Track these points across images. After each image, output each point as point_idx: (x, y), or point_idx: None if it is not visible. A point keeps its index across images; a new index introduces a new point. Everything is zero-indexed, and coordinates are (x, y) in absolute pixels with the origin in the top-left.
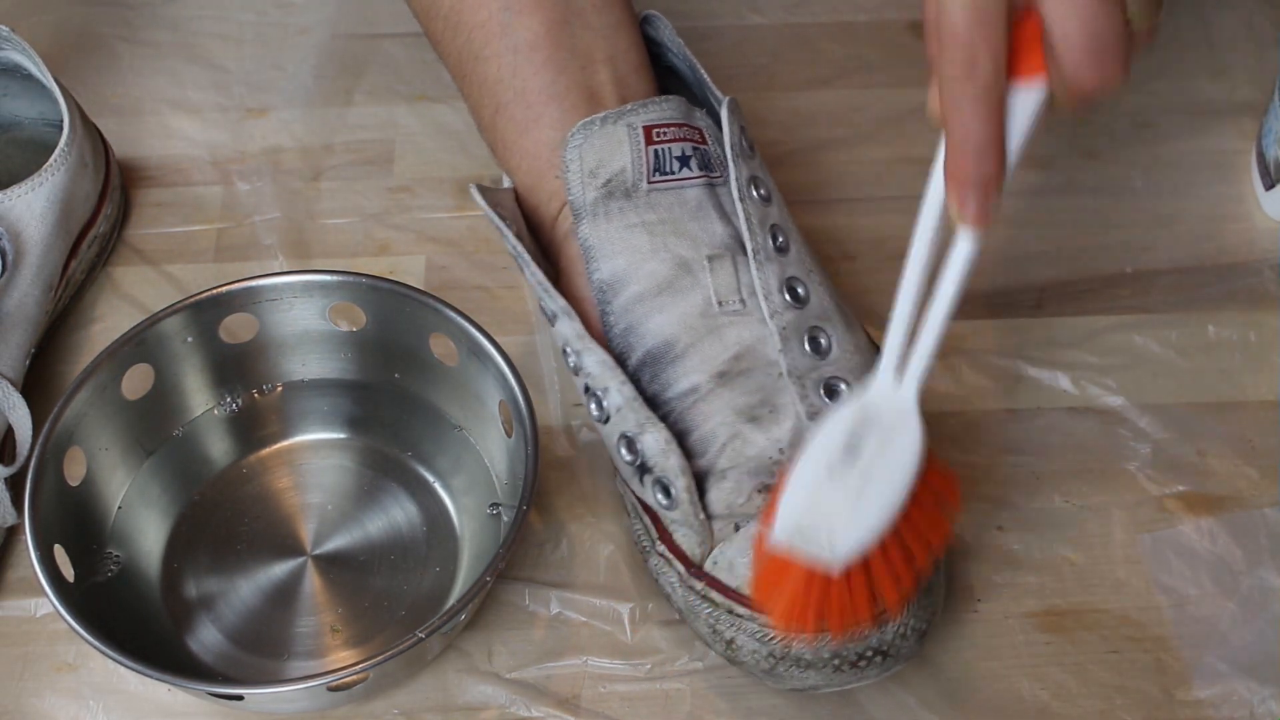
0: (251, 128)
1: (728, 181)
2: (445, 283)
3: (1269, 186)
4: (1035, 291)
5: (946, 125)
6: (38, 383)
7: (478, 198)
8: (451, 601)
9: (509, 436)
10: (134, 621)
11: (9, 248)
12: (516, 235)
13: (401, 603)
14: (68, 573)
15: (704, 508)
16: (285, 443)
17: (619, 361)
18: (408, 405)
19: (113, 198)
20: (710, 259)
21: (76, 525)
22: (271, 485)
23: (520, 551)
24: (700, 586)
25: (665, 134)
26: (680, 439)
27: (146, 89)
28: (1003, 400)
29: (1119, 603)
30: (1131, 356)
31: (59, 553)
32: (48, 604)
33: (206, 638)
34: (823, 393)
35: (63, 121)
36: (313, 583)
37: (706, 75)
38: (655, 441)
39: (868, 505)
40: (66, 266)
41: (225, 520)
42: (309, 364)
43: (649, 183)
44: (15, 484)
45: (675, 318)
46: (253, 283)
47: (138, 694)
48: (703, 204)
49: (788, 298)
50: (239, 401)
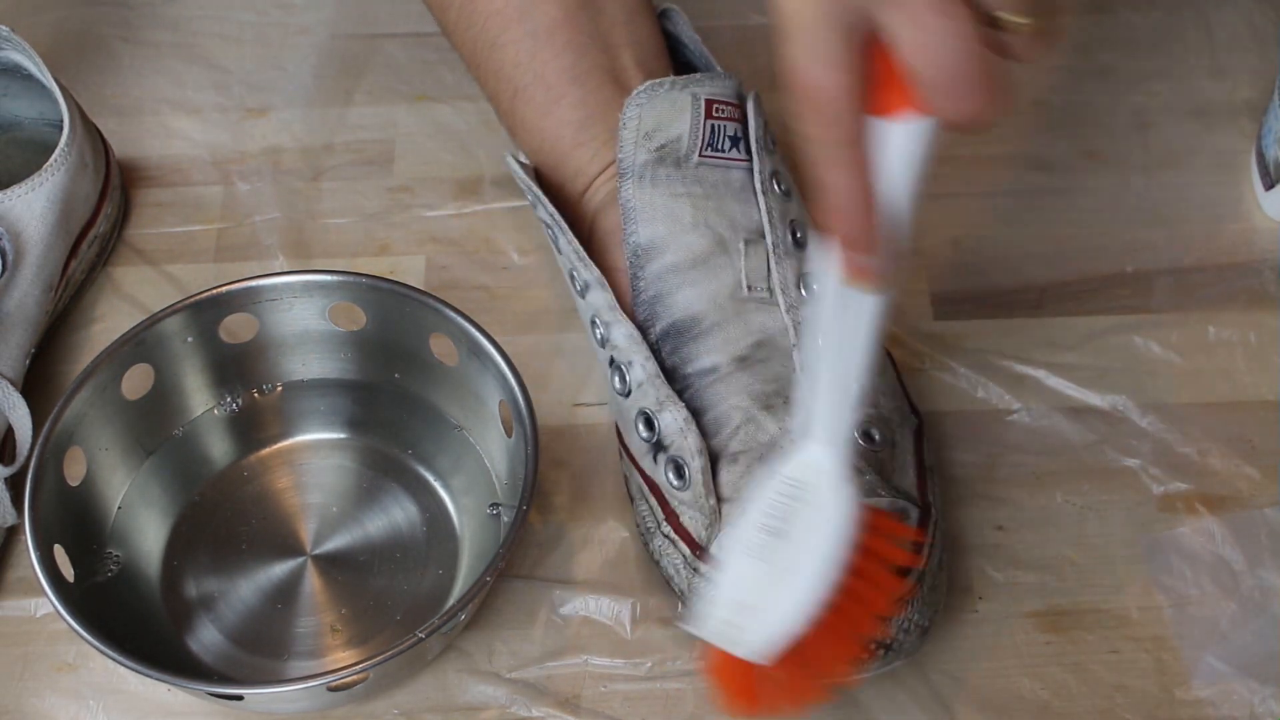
0: (251, 128)
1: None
2: (445, 283)
3: (1269, 186)
4: (1035, 291)
5: (819, 184)
6: (38, 383)
7: (515, 168)
8: (451, 601)
9: (509, 436)
10: (134, 621)
11: (9, 248)
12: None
13: (401, 603)
14: (68, 573)
15: (715, 489)
16: (285, 443)
17: (643, 328)
18: (408, 405)
19: (113, 198)
20: (747, 242)
21: (76, 525)
22: (271, 485)
23: (520, 551)
24: (705, 569)
25: (723, 111)
26: (696, 417)
27: (146, 89)
28: (1003, 400)
29: (1119, 602)
30: (1131, 356)
31: (59, 553)
32: (48, 604)
33: (206, 638)
34: None
35: (63, 121)
36: (313, 583)
37: (721, 71)
38: (674, 420)
39: (795, 587)
40: (66, 266)
41: (225, 520)
42: (309, 364)
43: (700, 156)
44: (15, 484)
45: (705, 294)
46: (253, 283)
47: (138, 694)
48: (745, 187)
49: (804, 293)
50: (239, 401)
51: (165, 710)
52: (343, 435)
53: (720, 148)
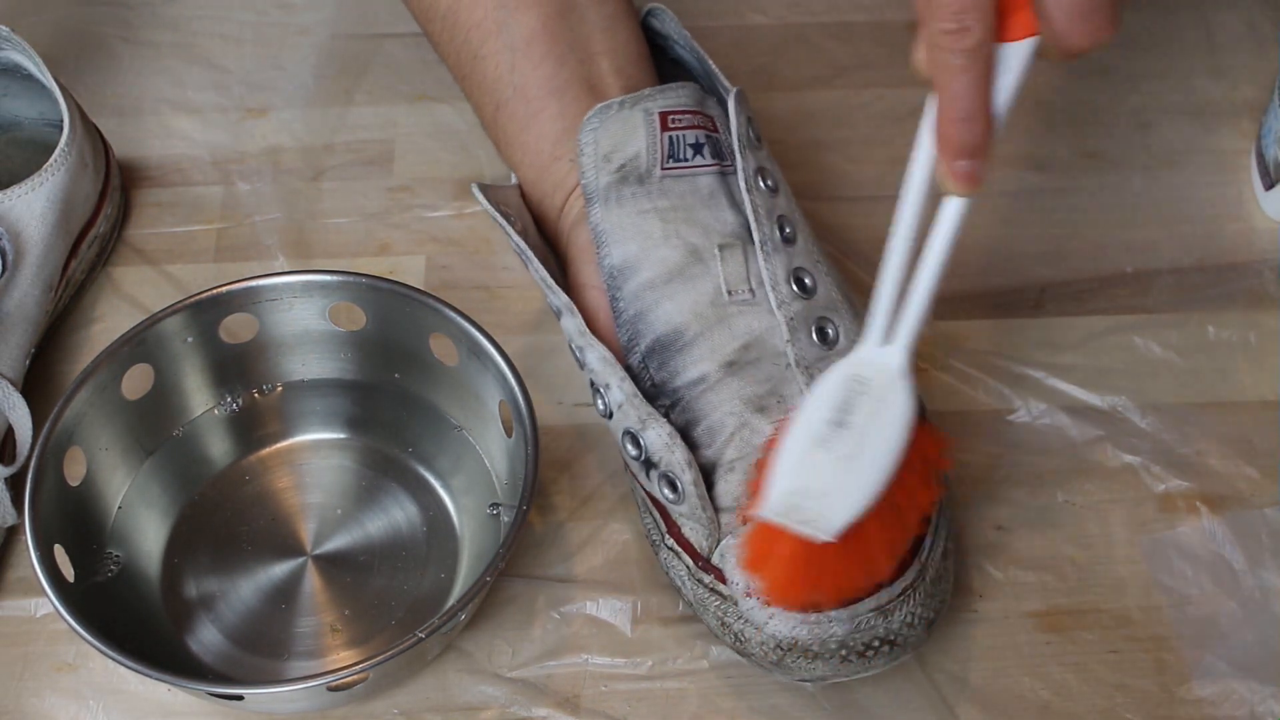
0: (251, 128)
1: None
2: (445, 283)
3: (1269, 186)
4: (1035, 291)
5: (936, 89)
6: (38, 383)
7: (479, 195)
8: (451, 601)
9: (509, 436)
10: (134, 621)
11: (9, 248)
12: (521, 231)
13: (401, 603)
14: (68, 573)
15: (711, 500)
16: (285, 443)
17: (628, 347)
18: (408, 405)
19: (113, 198)
20: (721, 248)
21: (76, 525)
22: (271, 485)
23: (520, 551)
24: (709, 579)
25: (680, 120)
26: (688, 428)
27: (146, 89)
28: (1003, 400)
29: (1119, 602)
30: (1131, 356)
31: (59, 553)
32: (48, 604)
33: (206, 638)
34: None
35: (63, 121)
36: (313, 583)
37: (715, 66)
38: (658, 437)
39: (859, 473)
40: (66, 266)
41: (225, 520)
42: (309, 364)
43: (662, 169)
44: (15, 484)
45: (685, 305)
46: (253, 283)
47: (138, 694)
48: (715, 192)
49: (795, 288)
50: (239, 401)
51: (165, 710)
52: (343, 435)
53: (682, 158)
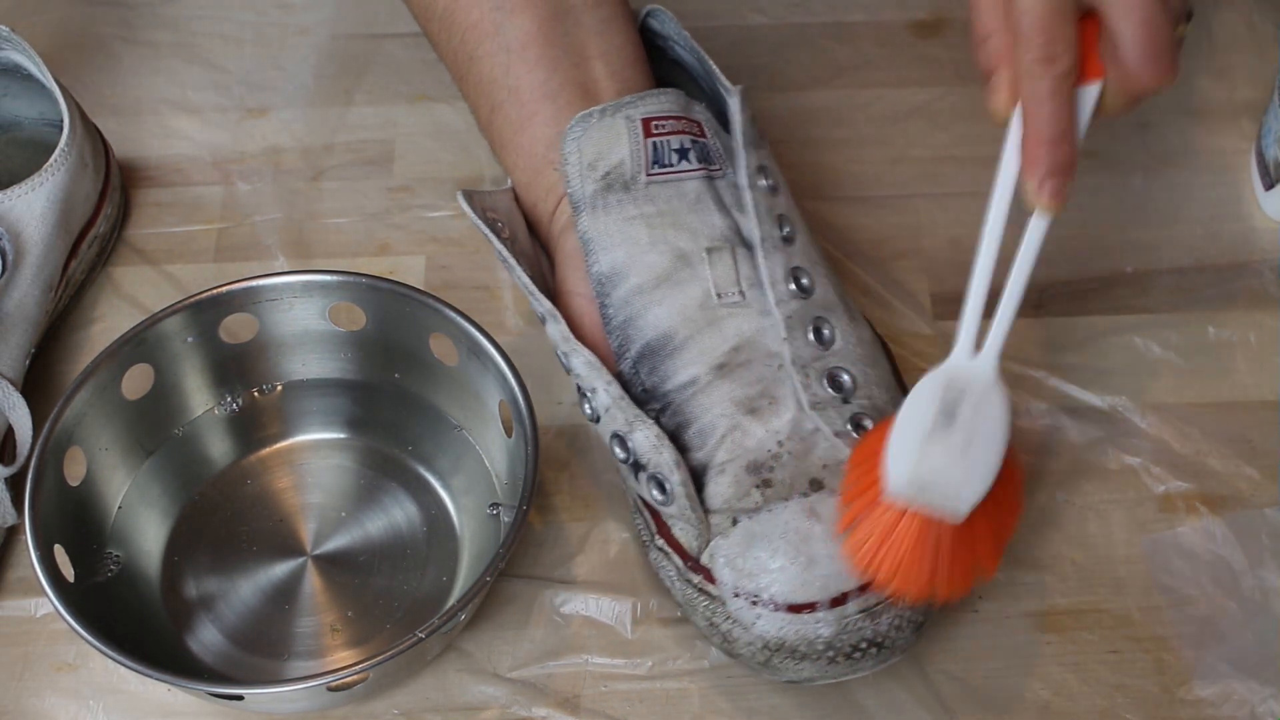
0: (251, 128)
1: (726, 174)
2: (445, 283)
3: (1269, 186)
4: (1035, 291)
5: (1026, 113)
6: (38, 383)
7: (464, 203)
8: (451, 601)
9: (509, 436)
10: (134, 621)
11: (9, 248)
12: (509, 237)
13: (401, 603)
14: (68, 573)
15: (701, 501)
16: (285, 443)
17: (619, 354)
18: (408, 405)
19: (113, 198)
20: (709, 251)
21: (76, 525)
22: (271, 485)
23: (520, 551)
24: (698, 580)
25: (664, 126)
26: (679, 431)
27: (146, 89)
28: None
29: (1119, 602)
30: (1132, 357)
31: (59, 553)
32: (48, 604)
33: (206, 638)
34: (826, 383)
35: (63, 121)
36: (313, 583)
37: (715, 66)
38: (646, 439)
39: (974, 461)
40: (66, 266)
41: (225, 520)
42: (309, 364)
43: (647, 175)
44: (15, 484)
45: (674, 309)
46: (253, 283)
47: (138, 694)
48: (701, 197)
49: (793, 287)
50: (239, 401)
51: (165, 710)
52: (343, 435)
53: (667, 163)
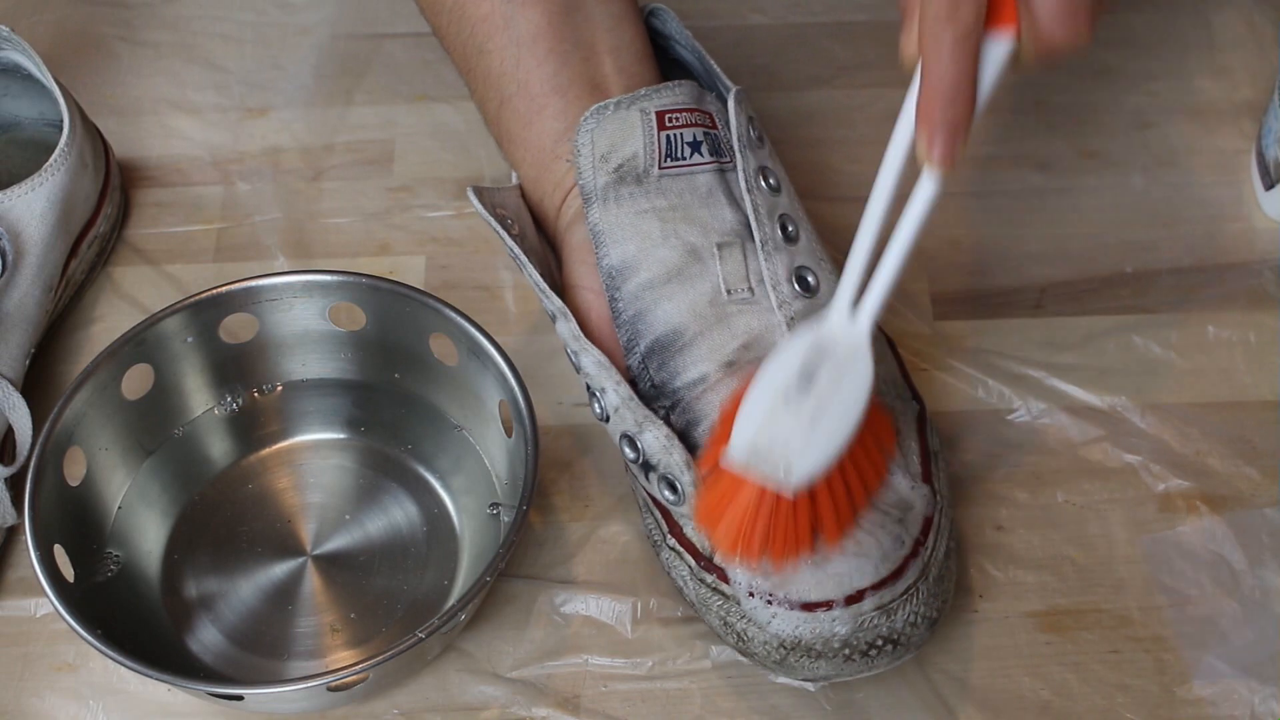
0: (251, 128)
1: (738, 167)
2: (445, 283)
3: (1269, 186)
4: (1035, 291)
5: (924, 66)
6: (38, 383)
7: (474, 199)
8: (451, 601)
9: (509, 436)
10: (134, 621)
11: (9, 248)
12: (518, 234)
13: (401, 603)
14: (68, 573)
15: None
16: (285, 443)
17: (628, 348)
18: (408, 405)
19: (113, 198)
20: (720, 246)
21: (76, 525)
22: (271, 485)
23: (520, 551)
24: (711, 580)
25: (678, 119)
26: (689, 429)
27: (146, 89)
28: (1003, 400)
29: (1119, 602)
30: (1131, 356)
31: (59, 553)
32: (48, 604)
33: (206, 638)
34: None
35: (63, 121)
36: (313, 583)
37: (716, 65)
38: (655, 439)
39: (822, 433)
40: (66, 266)
41: (225, 520)
42: (309, 364)
43: (660, 168)
44: (15, 484)
45: (684, 305)
46: (253, 283)
47: (138, 694)
48: (713, 190)
49: (797, 287)
50: (239, 401)
51: (165, 710)
52: (343, 435)
53: (680, 156)
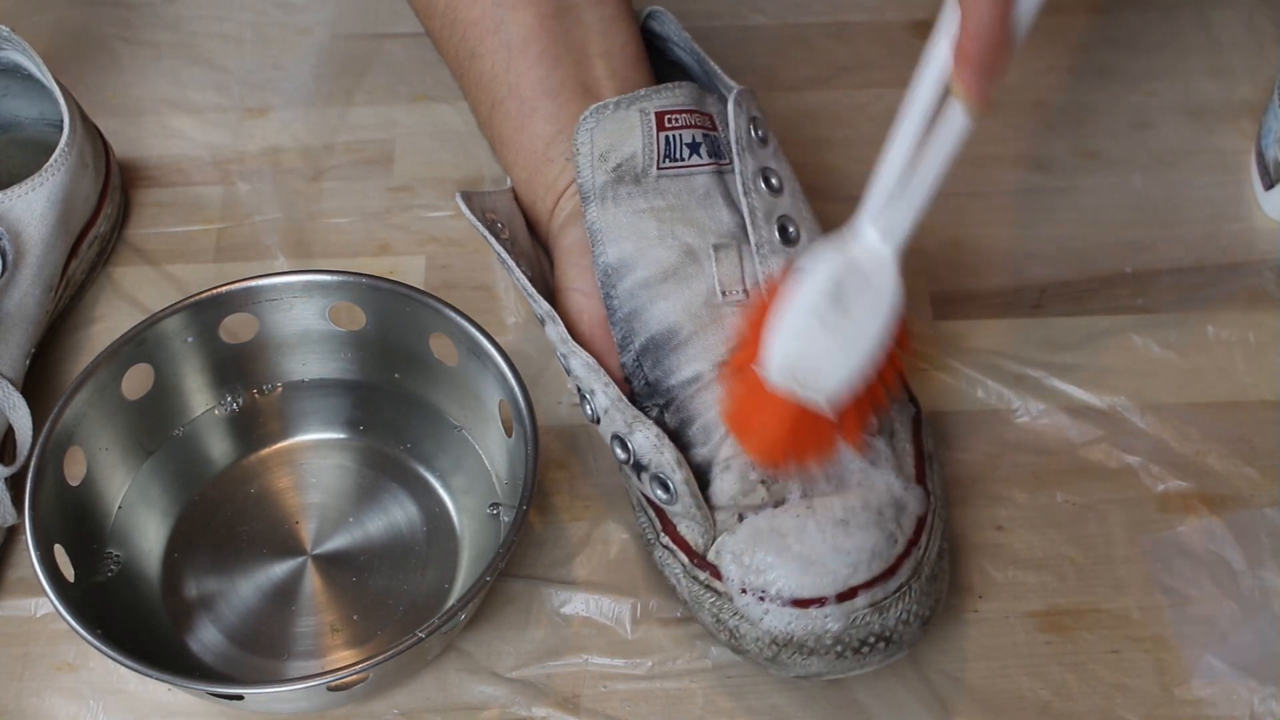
0: (251, 128)
1: (736, 168)
2: (445, 283)
3: (1269, 186)
4: (1035, 291)
5: (964, 6)
6: (38, 383)
7: (462, 205)
8: (451, 601)
9: (509, 436)
10: (134, 621)
11: (9, 248)
12: (508, 238)
13: (401, 603)
14: (68, 573)
15: (706, 499)
16: (285, 443)
17: (622, 345)
18: (408, 405)
19: (113, 198)
20: (716, 248)
21: (76, 525)
22: (271, 485)
23: (520, 551)
24: (704, 577)
25: (677, 120)
26: (683, 428)
27: (146, 89)
28: (1003, 400)
29: (1119, 602)
30: (1131, 356)
31: (59, 553)
32: (48, 604)
33: (206, 637)
34: None
35: (63, 121)
36: (313, 583)
37: (716, 66)
38: (646, 439)
39: (854, 350)
40: (66, 266)
41: (225, 520)
42: (309, 364)
43: (659, 169)
44: (15, 484)
45: (679, 305)
46: (253, 283)
47: (138, 694)
48: (710, 191)
49: None
50: (239, 401)
51: (165, 710)
52: (343, 435)
53: (679, 157)
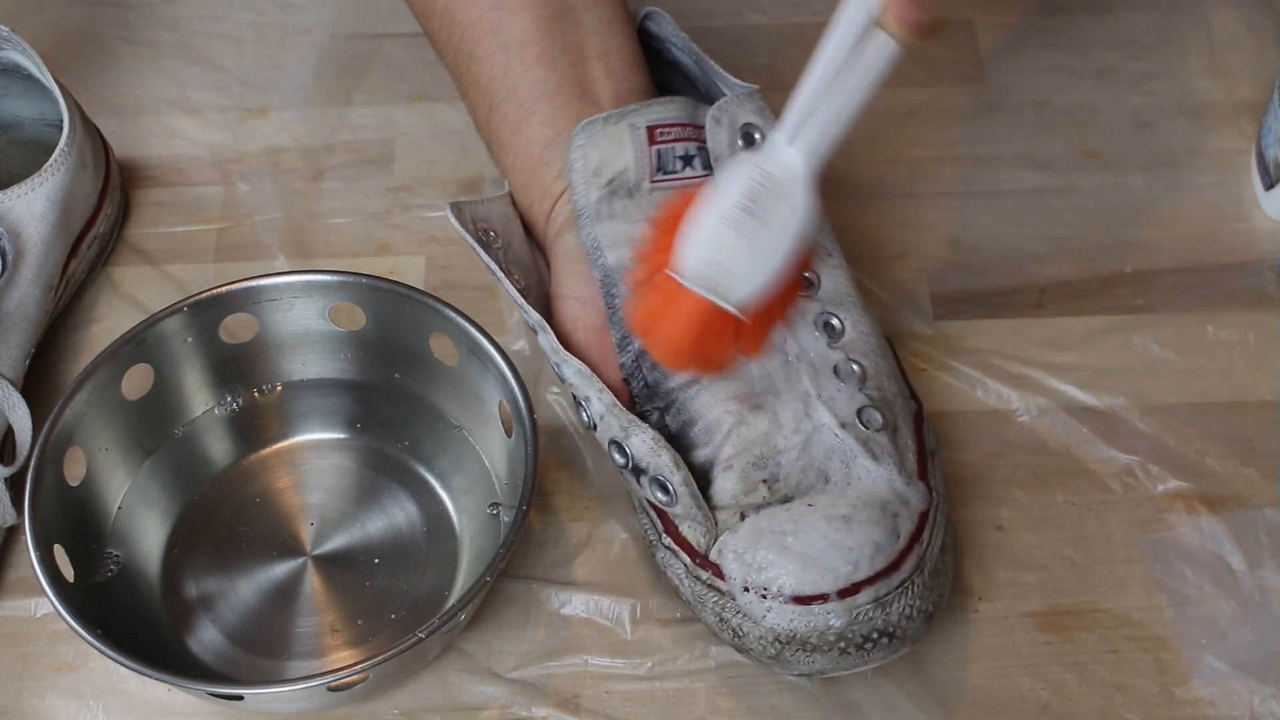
0: (251, 128)
1: None
2: (445, 283)
3: (1269, 186)
4: (1035, 291)
5: None
6: (38, 383)
7: (452, 218)
8: (451, 601)
9: (509, 436)
10: (134, 621)
11: (9, 248)
12: (501, 246)
13: (401, 603)
14: (68, 573)
15: (708, 499)
16: (285, 443)
17: (621, 345)
18: (408, 405)
19: (113, 198)
20: None
21: (76, 525)
22: (271, 485)
23: (520, 551)
24: (706, 576)
25: (668, 134)
26: (684, 429)
27: (146, 89)
28: (1003, 400)
29: (1119, 602)
30: (1131, 356)
31: (59, 553)
32: (48, 604)
33: (206, 638)
34: (834, 375)
35: (63, 121)
36: (313, 583)
37: (715, 66)
38: (643, 443)
39: (765, 257)
40: (66, 266)
41: (225, 520)
42: (309, 364)
43: (651, 182)
44: (15, 484)
45: None
46: (253, 283)
47: (138, 694)
48: None
49: None
50: (239, 401)
51: (165, 710)
52: (343, 435)
53: (672, 170)
